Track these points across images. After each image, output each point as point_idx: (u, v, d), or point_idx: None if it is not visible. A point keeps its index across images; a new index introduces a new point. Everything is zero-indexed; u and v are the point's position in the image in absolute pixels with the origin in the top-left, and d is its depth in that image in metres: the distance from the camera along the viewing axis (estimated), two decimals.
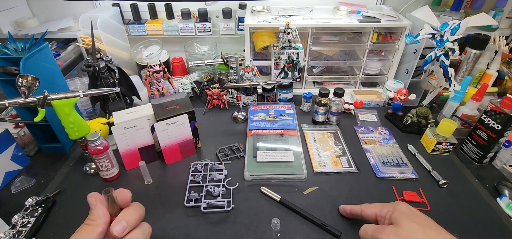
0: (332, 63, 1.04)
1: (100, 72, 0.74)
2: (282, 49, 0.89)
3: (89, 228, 0.36)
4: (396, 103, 0.87)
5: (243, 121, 0.89)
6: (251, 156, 0.72)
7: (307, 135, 0.82)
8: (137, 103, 0.92)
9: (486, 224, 0.58)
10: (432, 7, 1.03)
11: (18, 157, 0.71)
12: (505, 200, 0.62)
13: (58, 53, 0.98)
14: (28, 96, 0.56)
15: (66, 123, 0.61)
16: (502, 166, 0.71)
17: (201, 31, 1.09)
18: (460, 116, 0.81)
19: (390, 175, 0.68)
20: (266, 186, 0.64)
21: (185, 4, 1.09)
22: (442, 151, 0.75)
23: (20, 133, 0.74)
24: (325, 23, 0.90)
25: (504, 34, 1.00)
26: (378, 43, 0.96)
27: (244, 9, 1.04)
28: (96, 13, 0.96)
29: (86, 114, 0.90)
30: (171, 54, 1.14)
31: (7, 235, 0.53)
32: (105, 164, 0.64)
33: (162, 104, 0.71)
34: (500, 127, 0.66)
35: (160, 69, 0.89)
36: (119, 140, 0.65)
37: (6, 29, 1.00)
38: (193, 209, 0.60)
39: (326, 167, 0.70)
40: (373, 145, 0.78)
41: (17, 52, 0.68)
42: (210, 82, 1.05)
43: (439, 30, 0.74)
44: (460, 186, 0.66)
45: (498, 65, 0.94)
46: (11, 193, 0.65)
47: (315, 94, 0.94)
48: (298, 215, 0.59)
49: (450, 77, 0.78)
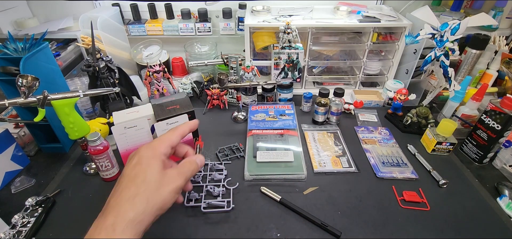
0: (332, 63, 1.04)
1: (100, 72, 0.74)
2: (282, 49, 0.89)
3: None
4: (396, 103, 0.87)
5: (243, 121, 0.89)
6: (251, 156, 0.72)
7: (307, 135, 0.82)
8: (137, 103, 0.92)
9: (486, 224, 0.58)
10: (432, 7, 1.03)
11: (18, 157, 0.71)
12: (505, 200, 0.62)
13: (58, 53, 0.98)
14: (28, 96, 0.56)
15: (66, 123, 0.61)
16: (502, 166, 0.71)
17: (201, 31, 1.09)
18: (460, 116, 0.81)
19: (390, 175, 0.68)
20: (266, 186, 0.64)
21: (185, 4, 1.09)
22: (442, 151, 0.75)
23: (20, 133, 0.74)
24: (325, 23, 0.90)
25: (504, 34, 1.00)
26: (378, 43, 0.96)
27: (244, 9, 1.04)
28: (96, 13, 0.96)
29: (86, 114, 0.90)
30: (171, 54, 1.14)
31: (7, 235, 0.53)
32: (105, 164, 0.64)
33: (162, 104, 0.71)
34: (500, 127, 0.66)
35: (160, 69, 0.89)
36: (119, 140, 0.65)
37: (6, 29, 1.00)
38: (193, 209, 0.60)
39: (326, 167, 0.70)
40: (373, 145, 0.78)
41: (17, 52, 0.68)
42: (210, 82, 1.05)
43: (439, 30, 0.74)
44: (460, 186, 0.66)
45: (498, 65, 0.94)
46: (11, 193, 0.65)
47: (315, 94, 0.94)
48: (298, 215, 0.59)
49: (450, 77, 0.78)
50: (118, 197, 0.35)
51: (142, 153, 0.39)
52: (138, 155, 0.39)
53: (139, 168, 0.37)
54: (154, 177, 0.37)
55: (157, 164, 0.38)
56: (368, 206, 0.61)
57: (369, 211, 0.60)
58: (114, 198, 0.36)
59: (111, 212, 0.34)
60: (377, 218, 0.58)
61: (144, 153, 0.39)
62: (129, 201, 0.35)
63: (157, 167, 0.38)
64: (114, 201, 0.35)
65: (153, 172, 0.37)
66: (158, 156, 0.39)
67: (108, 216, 0.34)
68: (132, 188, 0.36)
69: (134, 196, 0.35)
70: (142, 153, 0.39)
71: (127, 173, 0.38)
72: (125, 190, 0.36)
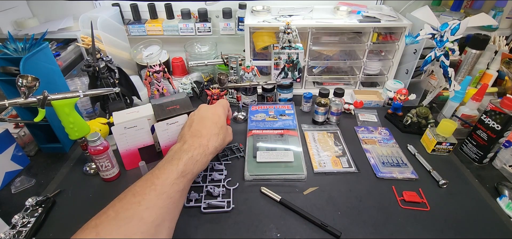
0: (332, 63, 1.04)
1: (100, 72, 0.74)
2: (282, 49, 0.89)
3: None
4: (396, 103, 0.87)
5: (243, 121, 0.89)
6: (251, 156, 0.72)
7: (307, 135, 0.82)
8: (137, 103, 0.92)
9: (486, 224, 0.58)
10: (432, 7, 1.03)
11: (18, 157, 0.71)
12: (505, 200, 0.62)
13: (58, 53, 0.98)
14: (28, 96, 0.56)
15: (66, 123, 0.61)
16: (502, 166, 0.71)
17: (201, 31, 1.09)
18: (460, 116, 0.81)
19: (390, 175, 0.68)
20: (266, 186, 0.64)
21: (185, 4, 1.09)
22: (442, 151, 0.75)
23: (20, 133, 0.74)
24: (325, 23, 0.90)
25: (504, 34, 1.00)
26: (378, 43, 0.96)
27: (244, 9, 1.04)
28: (96, 13, 0.96)
29: (86, 114, 0.90)
30: (171, 54, 1.14)
31: (7, 235, 0.53)
32: (105, 164, 0.64)
33: (162, 104, 0.71)
34: (500, 127, 0.66)
35: (160, 69, 0.88)
36: (119, 140, 0.65)
37: (6, 29, 1.00)
38: (193, 209, 0.60)
39: (326, 167, 0.70)
40: (373, 145, 0.78)
41: (17, 52, 0.68)
42: (210, 82, 1.05)
43: (439, 30, 0.74)
44: (460, 186, 0.66)
45: (498, 65, 0.94)
46: (11, 193, 0.65)
47: (315, 94, 0.94)
48: (298, 215, 0.59)
49: (450, 77, 0.78)
50: (208, 130, 0.56)
51: (219, 111, 0.62)
52: (216, 111, 0.61)
53: (218, 119, 0.60)
54: (225, 126, 0.62)
55: (225, 119, 0.63)
56: (368, 206, 0.61)
57: (369, 211, 0.60)
58: (204, 129, 0.56)
59: (205, 136, 0.55)
60: (377, 218, 0.58)
61: (220, 111, 0.62)
62: (214, 136, 0.57)
63: (225, 120, 0.63)
64: (206, 131, 0.56)
65: (224, 123, 0.62)
66: (225, 114, 0.65)
67: (202, 138, 0.54)
68: (215, 128, 0.58)
69: (217, 133, 0.58)
70: (219, 111, 0.62)
71: (209, 116, 0.59)
72: (212, 127, 0.57)
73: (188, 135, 0.55)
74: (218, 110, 0.62)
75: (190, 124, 0.58)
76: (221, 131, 0.59)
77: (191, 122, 0.59)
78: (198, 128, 0.56)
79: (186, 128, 0.58)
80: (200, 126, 0.57)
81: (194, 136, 0.54)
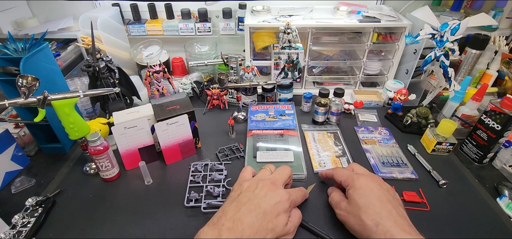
0: (332, 63, 1.04)
1: (100, 72, 0.74)
2: (282, 49, 0.89)
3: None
4: (396, 103, 0.87)
5: (243, 121, 0.89)
6: (251, 156, 0.72)
7: (307, 135, 0.82)
8: (137, 103, 0.92)
9: (486, 224, 0.58)
10: (432, 7, 1.03)
11: (18, 157, 0.71)
12: (505, 200, 0.62)
13: (58, 53, 0.98)
14: (28, 96, 0.56)
15: (66, 123, 0.61)
16: (502, 166, 0.71)
17: (201, 31, 1.09)
18: (460, 116, 0.81)
19: (390, 175, 0.68)
20: None
21: (185, 4, 1.09)
22: (442, 151, 0.75)
23: (20, 133, 0.74)
24: (325, 23, 0.90)
25: (504, 34, 1.00)
26: (378, 43, 0.96)
27: (244, 9, 1.04)
28: (96, 13, 0.96)
29: (86, 114, 0.90)
30: (171, 54, 1.14)
31: (7, 235, 0.53)
32: (105, 164, 0.64)
33: (162, 104, 0.71)
34: (500, 127, 0.66)
35: (160, 69, 0.89)
36: (119, 140, 0.65)
37: (6, 29, 1.00)
38: (193, 209, 0.60)
39: (326, 167, 0.70)
40: (373, 145, 0.78)
41: (17, 52, 0.68)
42: (210, 82, 1.05)
43: (439, 30, 0.74)
44: (460, 186, 0.66)
45: (498, 65, 0.94)
46: (11, 193, 0.65)
47: (315, 94, 0.94)
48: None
49: (450, 77, 0.78)
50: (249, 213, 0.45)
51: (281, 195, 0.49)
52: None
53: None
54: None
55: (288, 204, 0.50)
56: None
57: None
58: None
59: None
60: None
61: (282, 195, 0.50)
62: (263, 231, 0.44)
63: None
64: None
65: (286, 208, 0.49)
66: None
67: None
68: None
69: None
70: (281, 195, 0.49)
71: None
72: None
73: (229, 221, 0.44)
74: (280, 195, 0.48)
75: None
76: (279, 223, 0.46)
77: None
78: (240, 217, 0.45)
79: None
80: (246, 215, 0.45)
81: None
